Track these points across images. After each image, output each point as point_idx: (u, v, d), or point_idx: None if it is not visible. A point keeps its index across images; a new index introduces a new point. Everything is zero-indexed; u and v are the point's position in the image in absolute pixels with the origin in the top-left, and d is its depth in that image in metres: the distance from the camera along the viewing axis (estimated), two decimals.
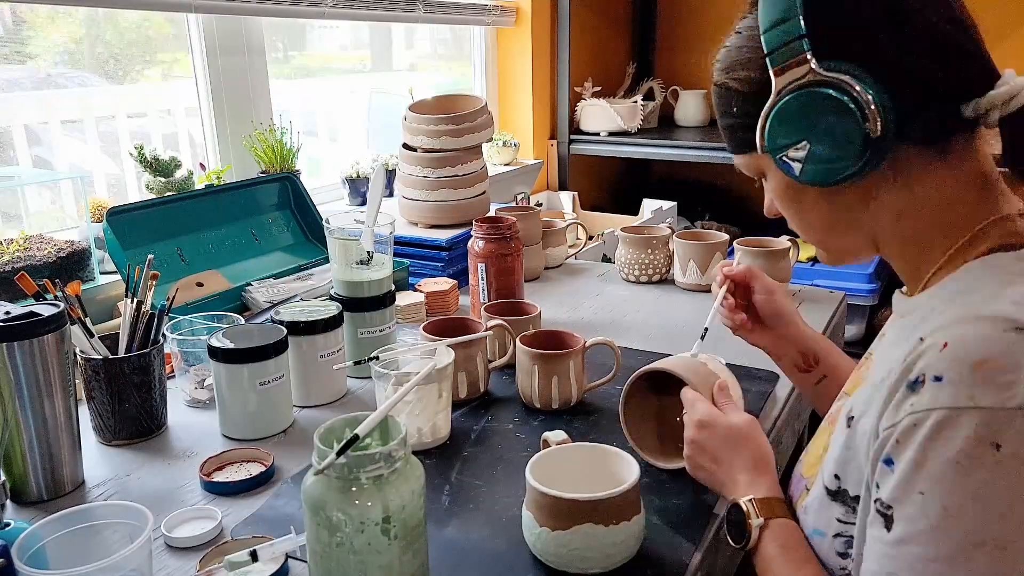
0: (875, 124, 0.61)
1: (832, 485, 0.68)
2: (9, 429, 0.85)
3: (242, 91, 1.71)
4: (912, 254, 0.69)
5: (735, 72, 0.71)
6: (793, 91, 0.64)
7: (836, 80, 0.62)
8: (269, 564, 0.74)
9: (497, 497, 0.86)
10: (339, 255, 1.14)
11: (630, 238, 1.59)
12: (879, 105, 0.61)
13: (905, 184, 0.66)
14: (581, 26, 2.77)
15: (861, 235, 0.71)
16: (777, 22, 0.64)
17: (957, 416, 0.54)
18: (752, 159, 0.73)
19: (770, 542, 0.72)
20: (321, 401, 1.10)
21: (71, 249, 1.31)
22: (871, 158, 0.63)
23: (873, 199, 0.67)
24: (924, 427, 0.56)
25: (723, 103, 0.73)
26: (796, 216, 0.74)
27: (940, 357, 0.57)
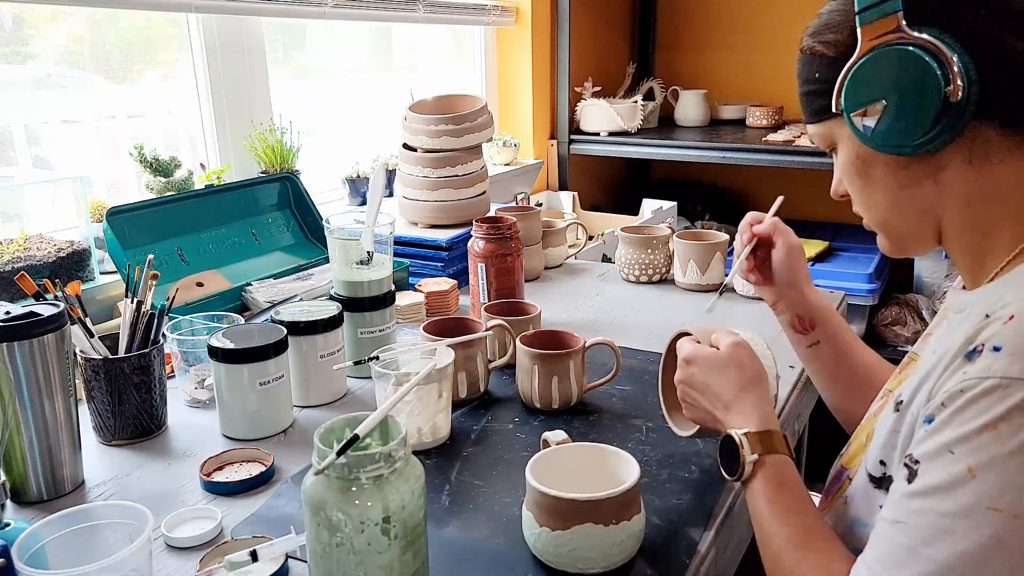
0: (956, 89, 0.60)
1: (877, 472, 0.68)
2: (9, 429, 0.85)
3: (242, 91, 1.71)
4: (976, 245, 0.67)
5: (823, 35, 0.70)
6: (878, 48, 0.63)
7: (923, 41, 0.61)
8: (269, 564, 0.73)
9: (497, 497, 0.86)
10: (339, 255, 1.14)
11: (630, 238, 1.59)
12: (963, 71, 0.60)
13: (979, 168, 0.64)
14: (581, 26, 2.77)
15: (926, 220, 0.69)
16: None
17: (1008, 386, 0.55)
18: (826, 127, 0.72)
19: (763, 480, 0.72)
20: (321, 401, 1.10)
21: (71, 249, 1.31)
22: (946, 127, 0.62)
23: (943, 179, 0.66)
24: (970, 392, 0.56)
25: (806, 69, 0.72)
26: (862, 192, 0.72)
27: (1003, 328, 0.57)
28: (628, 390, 1.11)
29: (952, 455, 0.56)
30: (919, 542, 0.57)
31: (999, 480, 0.54)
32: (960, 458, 0.56)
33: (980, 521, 0.54)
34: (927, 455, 0.58)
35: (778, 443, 0.75)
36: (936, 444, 0.58)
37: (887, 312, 2.53)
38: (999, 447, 0.54)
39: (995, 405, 0.55)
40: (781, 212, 1.03)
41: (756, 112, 2.83)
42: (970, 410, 0.56)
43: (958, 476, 0.56)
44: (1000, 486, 0.54)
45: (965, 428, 0.56)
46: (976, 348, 0.58)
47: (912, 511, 0.58)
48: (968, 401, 0.56)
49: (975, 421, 0.56)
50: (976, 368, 0.57)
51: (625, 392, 1.10)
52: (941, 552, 0.56)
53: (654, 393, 1.06)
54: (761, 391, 0.79)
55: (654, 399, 1.06)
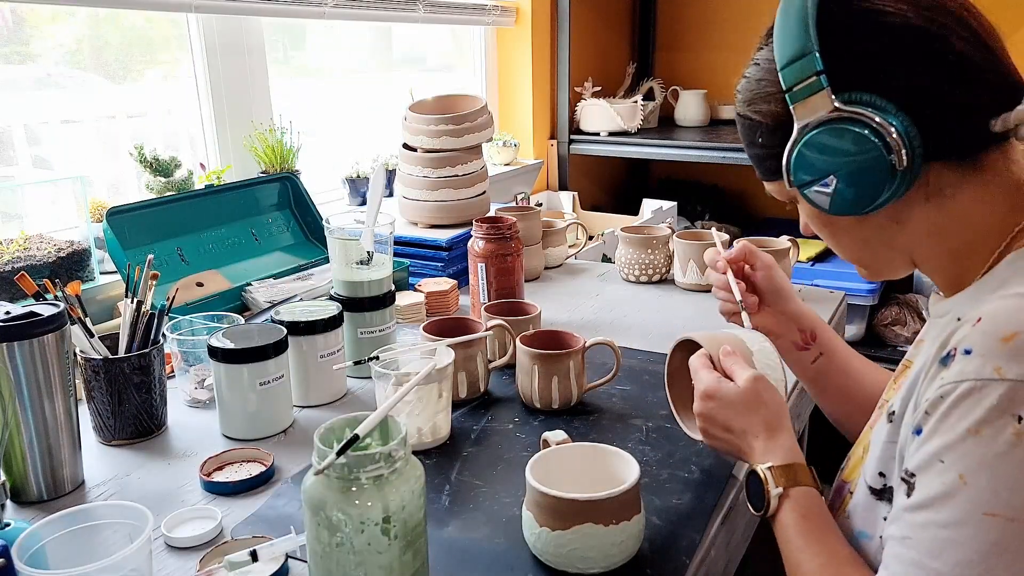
0: (900, 154, 0.61)
1: (876, 484, 0.68)
2: (9, 429, 0.85)
3: (242, 91, 1.71)
4: (949, 267, 0.69)
5: (756, 105, 0.70)
6: (814, 128, 0.64)
7: (857, 115, 0.61)
8: (269, 564, 0.73)
9: (497, 497, 0.86)
10: (339, 255, 1.14)
11: (630, 238, 1.59)
12: (902, 134, 0.61)
13: (937, 201, 0.66)
14: (581, 26, 2.77)
15: (897, 253, 0.71)
16: (794, 58, 0.63)
17: (982, 387, 0.55)
18: (781, 186, 0.72)
19: (789, 512, 0.72)
20: (321, 401, 1.10)
21: (71, 249, 1.31)
22: (900, 185, 0.63)
23: (906, 220, 0.67)
24: (950, 398, 0.57)
25: (748, 133, 0.73)
26: (831, 238, 0.74)
27: (972, 331, 0.58)
28: (628, 390, 1.11)
29: (943, 464, 0.57)
30: (925, 555, 0.57)
31: (990, 484, 0.55)
32: (950, 466, 0.56)
33: (978, 527, 0.55)
34: (920, 467, 0.59)
35: (802, 475, 0.74)
36: (926, 455, 0.58)
37: (887, 312, 2.53)
38: (985, 450, 0.55)
39: (974, 408, 0.55)
40: (782, 214, 1.03)
41: None
42: (952, 416, 0.57)
43: (951, 485, 0.56)
44: (992, 490, 0.55)
45: (950, 436, 0.57)
46: (949, 353, 0.59)
47: (915, 525, 0.58)
48: (949, 407, 0.57)
49: (958, 427, 0.56)
50: (951, 372, 0.58)
51: (625, 392, 1.10)
52: (948, 563, 0.56)
53: (654, 393, 1.07)
54: (786, 427, 0.78)
55: (654, 399, 1.06)
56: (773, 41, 0.66)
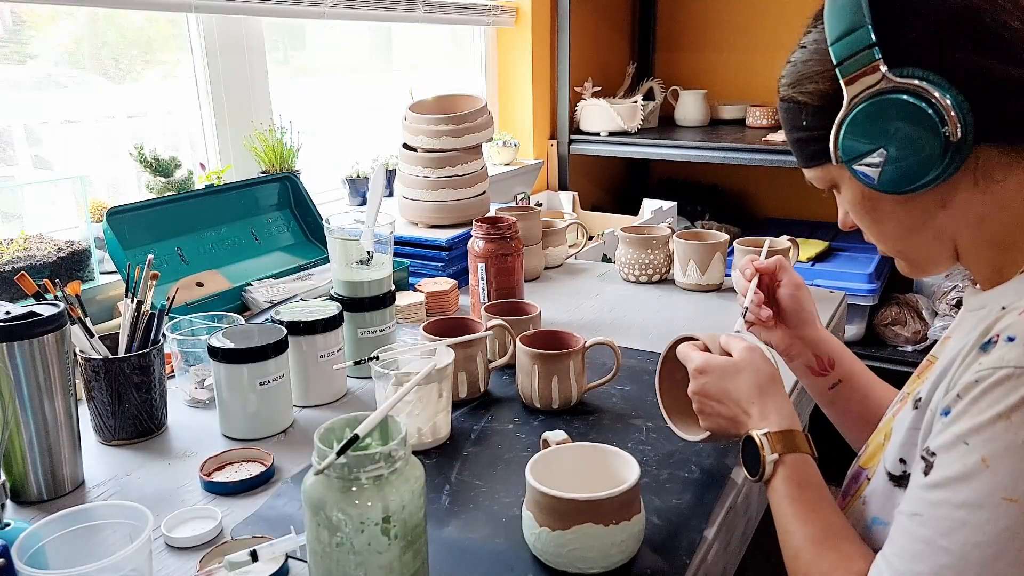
0: (954, 128, 0.60)
1: (896, 470, 0.68)
2: (9, 429, 0.85)
3: (242, 91, 1.71)
4: (994, 258, 0.67)
5: (803, 86, 0.69)
6: (866, 99, 0.63)
7: (910, 86, 0.61)
8: (269, 564, 0.73)
9: (497, 497, 0.86)
10: (339, 255, 1.14)
11: (630, 238, 1.59)
12: (957, 108, 0.60)
13: (987, 187, 0.64)
14: (581, 26, 2.77)
15: (941, 242, 0.69)
16: (845, 32, 0.63)
17: (1020, 375, 0.55)
18: (825, 171, 0.71)
19: (783, 479, 0.72)
20: (321, 401, 1.10)
21: (71, 249, 1.31)
22: (951, 162, 0.61)
23: (952, 204, 0.65)
24: (985, 382, 0.57)
25: (792, 117, 0.72)
26: (873, 226, 0.72)
27: (1019, 319, 0.57)
28: (628, 390, 1.11)
29: (967, 446, 0.56)
30: (936, 534, 0.57)
31: (1013, 469, 0.54)
32: (975, 449, 0.56)
33: (995, 511, 0.55)
34: (943, 447, 0.58)
35: (800, 442, 0.75)
36: (952, 435, 0.58)
37: (887, 312, 2.53)
38: (1012, 436, 0.54)
39: (1009, 394, 0.55)
40: (782, 214, 1.03)
41: (756, 112, 2.83)
42: (984, 400, 0.56)
43: (972, 467, 0.56)
44: (1014, 475, 0.54)
45: (979, 418, 0.56)
46: (991, 339, 0.58)
47: (929, 503, 0.58)
48: (983, 391, 0.56)
49: (989, 411, 0.56)
50: (991, 359, 0.57)
51: (625, 392, 1.10)
52: (957, 543, 0.56)
53: (654, 393, 1.06)
54: (779, 390, 0.79)
55: (654, 399, 1.06)
56: (822, 22, 0.65)
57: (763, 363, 0.80)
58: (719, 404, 0.81)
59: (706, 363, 0.82)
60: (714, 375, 0.81)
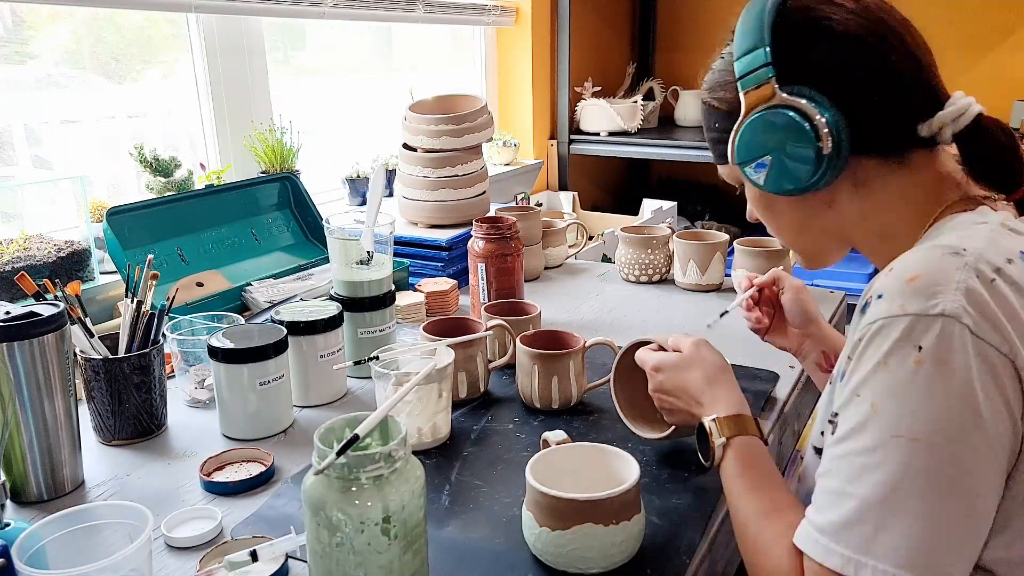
0: (826, 142, 0.69)
1: (820, 444, 0.72)
2: (9, 429, 0.85)
3: (242, 91, 1.71)
4: (882, 248, 0.75)
5: (716, 92, 0.79)
6: (757, 112, 0.72)
7: (794, 104, 0.69)
8: (269, 564, 0.73)
9: (497, 497, 0.86)
10: (339, 255, 1.14)
11: (630, 238, 1.59)
12: (832, 126, 0.68)
13: (866, 191, 0.73)
14: (581, 26, 2.77)
15: (831, 237, 0.78)
16: (747, 51, 0.72)
17: (889, 323, 0.60)
18: (731, 170, 0.80)
19: (732, 460, 0.76)
20: (321, 401, 1.10)
21: (71, 249, 1.31)
22: (827, 171, 0.70)
23: (837, 205, 0.74)
24: (865, 338, 0.62)
25: (707, 119, 0.82)
26: (770, 221, 0.81)
27: (884, 279, 0.64)
28: None
29: (859, 397, 0.61)
30: (844, 482, 0.61)
31: (896, 409, 0.59)
32: (864, 398, 0.61)
33: (887, 449, 0.59)
34: (842, 405, 0.63)
35: (748, 425, 0.79)
36: (848, 392, 0.63)
37: None
38: (890, 379, 0.59)
39: (883, 343, 0.60)
40: None
41: None
42: (866, 353, 0.62)
43: (865, 414, 0.60)
44: (898, 414, 0.59)
45: (864, 370, 0.61)
46: (867, 302, 0.64)
47: (836, 457, 0.62)
48: (864, 346, 0.62)
49: (870, 361, 0.61)
50: (867, 317, 0.63)
51: None
52: (863, 487, 0.59)
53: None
54: (727, 379, 0.84)
55: None
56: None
57: (711, 355, 0.86)
58: (675, 399, 0.87)
59: (660, 361, 0.88)
60: (668, 371, 0.87)
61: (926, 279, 0.60)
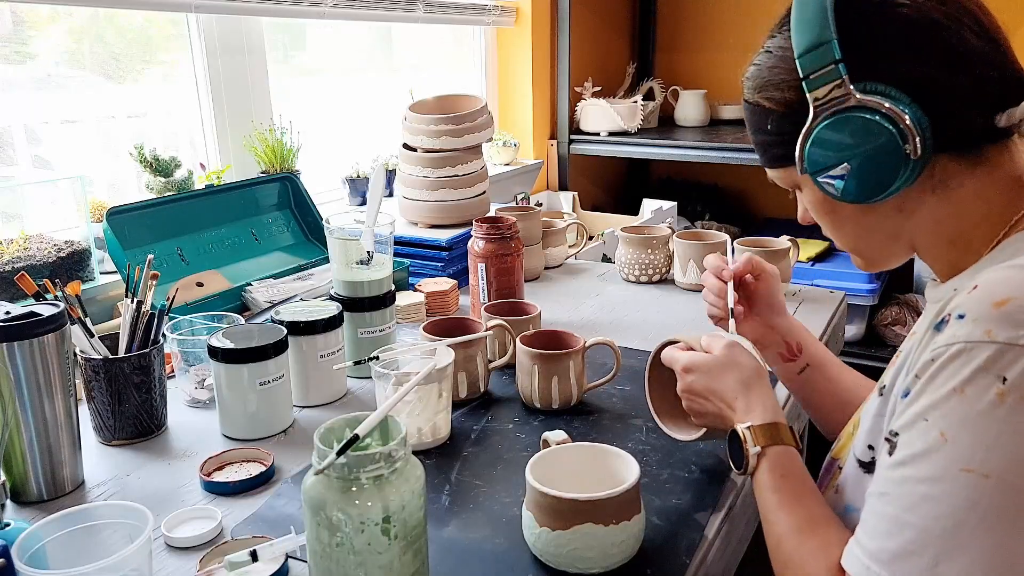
0: (914, 144, 0.62)
1: (865, 457, 0.69)
2: (9, 429, 0.85)
3: (242, 91, 1.71)
4: (950, 254, 0.70)
5: (768, 91, 0.71)
6: (832, 115, 0.65)
7: (874, 104, 0.63)
8: (269, 564, 0.74)
9: (497, 497, 0.86)
10: (339, 255, 1.14)
11: (630, 238, 1.59)
12: (916, 124, 0.62)
13: (941, 193, 0.67)
14: (581, 26, 2.77)
15: (898, 243, 0.72)
16: (812, 46, 0.64)
17: (971, 349, 0.56)
18: (788, 173, 0.74)
19: (767, 471, 0.73)
20: (321, 401, 1.10)
21: (71, 249, 1.31)
22: (910, 175, 0.64)
23: (910, 209, 0.68)
24: (940, 359, 0.58)
25: (757, 120, 0.74)
26: (832, 227, 0.75)
27: (968, 298, 0.59)
28: (628, 390, 1.11)
29: (926, 422, 0.58)
30: (902, 510, 0.58)
31: (970, 441, 0.55)
32: (933, 424, 0.57)
33: (954, 483, 0.56)
34: (904, 426, 0.60)
35: (784, 434, 0.76)
36: (912, 414, 0.59)
37: (887, 312, 2.53)
38: (967, 409, 0.56)
39: (961, 369, 0.56)
40: (782, 214, 1.03)
41: None
42: (940, 377, 0.58)
43: (932, 442, 0.57)
44: (971, 447, 0.55)
45: (936, 395, 0.58)
46: (944, 319, 0.60)
47: (894, 481, 0.59)
48: (938, 368, 0.58)
49: (944, 386, 0.57)
50: (943, 336, 0.59)
51: (625, 392, 1.10)
52: (921, 517, 0.57)
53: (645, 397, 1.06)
54: (763, 385, 0.81)
55: None
56: (788, 30, 0.67)
57: (746, 358, 0.83)
58: (706, 401, 0.83)
59: (691, 362, 0.84)
60: (699, 372, 0.83)
61: (1016, 305, 0.56)
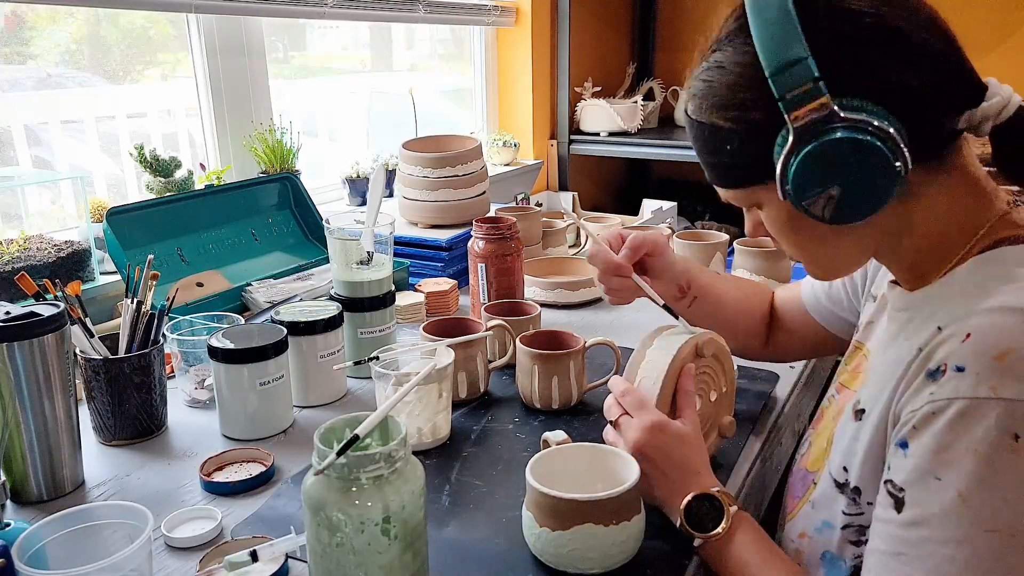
0: (904, 159, 0.60)
1: (840, 477, 0.69)
2: (9, 429, 0.85)
3: (242, 91, 1.71)
4: (910, 259, 0.70)
5: (728, 112, 0.66)
6: (817, 137, 0.60)
7: (860, 122, 0.59)
8: (269, 564, 0.73)
9: (497, 497, 0.86)
10: (339, 255, 1.14)
11: None
12: (899, 137, 0.59)
13: (907, 202, 0.65)
14: (581, 26, 2.77)
15: (860, 251, 0.71)
16: (786, 64, 0.60)
17: (979, 406, 0.55)
18: (748, 193, 0.70)
19: (748, 531, 0.73)
20: (321, 401, 1.10)
21: (71, 249, 1.31)
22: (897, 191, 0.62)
23: (875, 219, 0.64)
24: (945, 415, 0.57)
25: (712, 141, 0.69)
26: (794, 245, 0.72)
27: (962, 348, 0.58)
28: None
29: (940, 482, 0.57)
30: (925, 573, 0.57)
31: (990, 501, 0.55)
32: (948, 484, 0.56)
33: (980, 545, 0.55)
34: (912, 483, 0.59)
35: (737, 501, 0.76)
36: (919, 470, 0.58)
37: None
38: (984, 469, 0.55)
39: (972, 427, 0.55)
40: None
41: None
42: (948, 434, 0.57)
43: (950, 503, 0.56)
44: (992, 507, 0.55)
45: (947, 454, 0.56)
46: (939, 368, 0.58)
47: (911, 542, 0.58)
48: (945, 426, 0.57)
49: (956, 446, 0.56)
50: (944, 390, 0.57)
51: None
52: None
53: None
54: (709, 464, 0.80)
55: None
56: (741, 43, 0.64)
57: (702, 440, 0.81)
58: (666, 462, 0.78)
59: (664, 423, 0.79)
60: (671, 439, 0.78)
61: (1018, 358, 0.55)
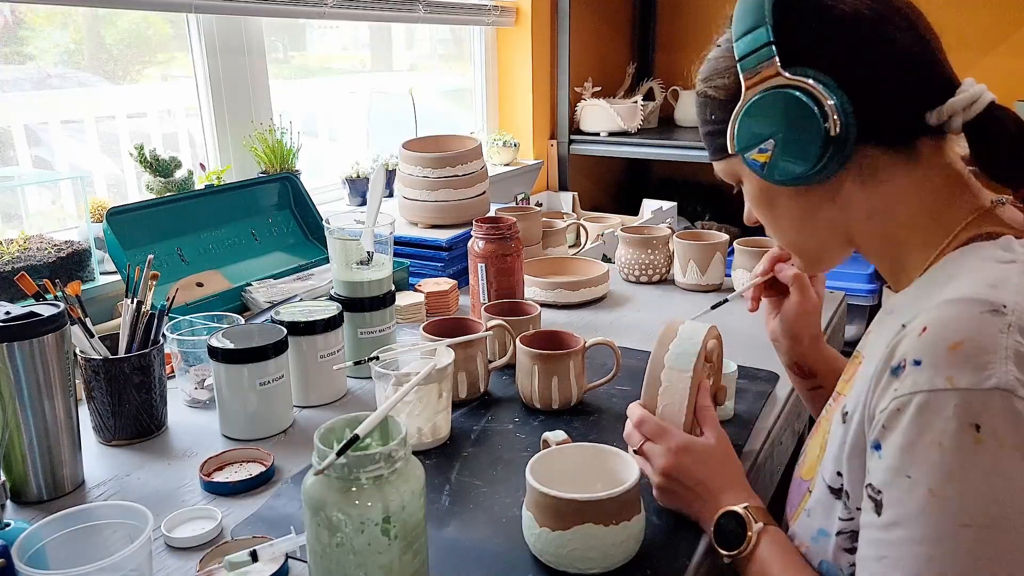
0: (834, 124, 0.65)
1: (835, 483, 0.69)
2: (9, 429, 0.85)
3: (242, 91, 1.71)
4: (890, 253, 0.72)
5: (712, 81, 0.76)
6: (758, 93, 0.68)
7: (799, 83, 0.66)
8: (269, 564, 0.73)
9: (497, 497, 0.86)
10: (339, 255, 1.14)
11: (630, 238, 1.59)
12: (839, 108, 0.65)
13: (872, 185, 0.69)
14: (581, 26, 2.77)
15: (834, 236, 0.74)
16: (747, 30, 0.68)
17: (937, 398, 0.56)
18: (730, 164, 0.78)
19: (771, 546, 0.72)
20: (321, 401, 1.10)
21: (71, 249, 1.31)
22: (832, 157, 0.67)
23: (841, 200, 0.71)
24: (908, 411, 0.57)
25: (703, 111, 0.78)
26: (771, 220, 0.78)
27: (919, 341, 0.58)
28: (628, 390, 1.11)
29: (910, 479, 0.57)
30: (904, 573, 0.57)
31: (960, 495, 0.55)
32: (918, 482, 0.56)
33: (956, 540, 0.55)
34: (886, 483, 0.59)
35: (768, 515, 0.75)
36: (890, 470, 0.58)
37: None
38: (949, 461, 0.55)
39: (933, 420, 0.56)
40: None
41: None
42: (913, 430, 0.57)
43: (921, 501, 0.56)
44: (962, 501, 0.55)
45: (913, 451, 0.57)
46: (900, 364, 0.59)
47: (891, 544, 0.58)
48: (908, 421, 0.57)
49: (921, 443, 0.56)
50: (904, 384, 0.58)
51: (625, 392, 1.10)
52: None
53: None
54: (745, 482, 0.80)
55: None
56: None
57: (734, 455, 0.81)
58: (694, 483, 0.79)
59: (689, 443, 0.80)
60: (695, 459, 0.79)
61: (972, 347, 0.56)
